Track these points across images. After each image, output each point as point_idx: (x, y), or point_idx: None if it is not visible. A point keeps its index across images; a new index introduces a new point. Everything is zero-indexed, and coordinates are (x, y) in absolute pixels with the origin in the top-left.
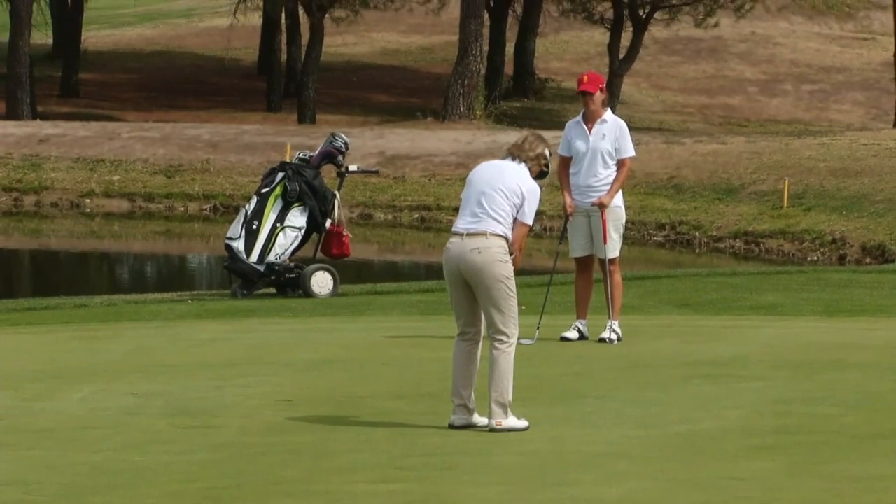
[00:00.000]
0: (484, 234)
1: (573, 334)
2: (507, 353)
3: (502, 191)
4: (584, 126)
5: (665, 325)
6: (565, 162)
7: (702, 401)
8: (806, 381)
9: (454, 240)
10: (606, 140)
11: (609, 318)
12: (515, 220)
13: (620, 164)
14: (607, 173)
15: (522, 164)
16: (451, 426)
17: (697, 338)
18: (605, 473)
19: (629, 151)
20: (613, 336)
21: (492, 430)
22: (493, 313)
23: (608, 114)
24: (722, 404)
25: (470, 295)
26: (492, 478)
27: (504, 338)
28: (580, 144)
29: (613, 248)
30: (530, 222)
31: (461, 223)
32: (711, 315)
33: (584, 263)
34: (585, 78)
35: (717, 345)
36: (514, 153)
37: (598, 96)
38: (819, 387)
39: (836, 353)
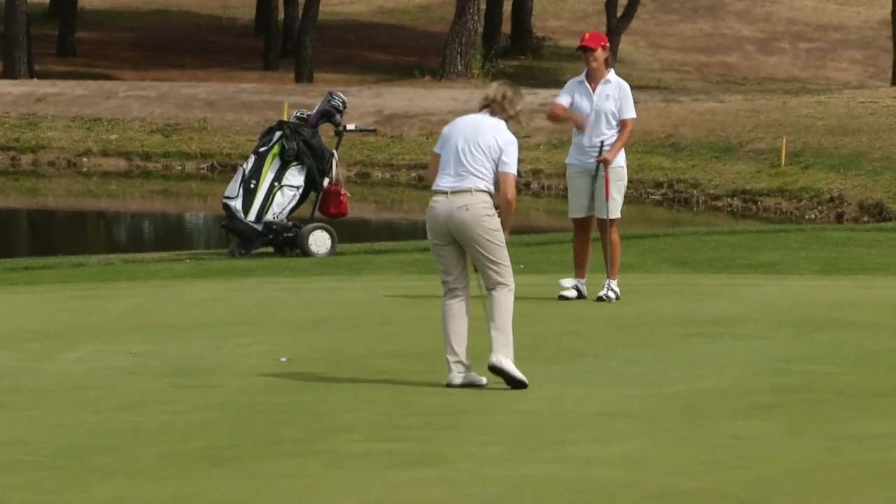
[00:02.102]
0: (469, 191)
1: (571, 293)
2: (509, 296)
3: (480, 147)
4: (588, 86)
5: (663, 284)
6: (561, 107)
7: (700, 360)
8: (805, 339)
9: (438, 198)
10: (610, 100)
11: (607, 277)
12: (499, 172)
13: (622, 124)
14: (611, 133)
15: (500, 120)
16: (450, 385)
17: (696, 296)
18: (604, 432)
19: (631, 112)
20: (612, 294)
21: (492, 368)
22: (490, 266)
23: (611, 74)
24: (721, 363)
25: (457, 251)
26: (491, 437)
27: (501, 284)
28: (584, 104)
29: (615, 209)
30: (514, 171)
31: (444, 182)
32: (710, 274)
33: (583, 225)
34: (587, 35)
35: (716, 303)
36: (495, 110)
37: (600, 53)
38: (818, 345)
39: (835, 312)
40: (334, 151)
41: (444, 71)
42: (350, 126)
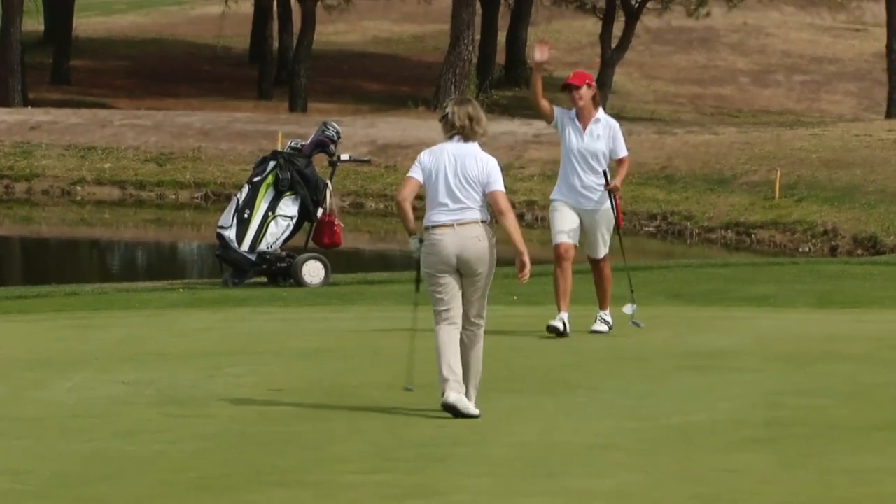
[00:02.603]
0: (476, 222)
1: (559, 324)
2: (482, 336)
3: (469, 180)
4: (578, 123)
5: (657, 317)
6: (549, 107)
7: (694, 392)
8: (798, 372)
9: (443, 231)
10: (601, 140)
11: (599, 308)
12: (488, 194)
13: (620, 162)
14: (601, 170)
15: (475, 143)
16: (447, 405)
17: (689, 329)
18: (597, 465)
19: (625, 151)
20: (604, 327)
21: (447, 407)
22: (479, 299)
23: (601, 113)
24: (714, 396)
25: (457, 281)
26: (483, 469)
27: (482, 321)
28: (573, 141)
29: (605, 247)
30: (501, 187)
31: (443, 216)
32: (703, 306)
33: (566, 252)
34: (572, 74)
35: (710, 336)
36: (467, 136)
37: (586, 91)
38: (811, 379)
39: (829, 345)
40: (328, 181)
41: (438, 101)
42: (344, 156)
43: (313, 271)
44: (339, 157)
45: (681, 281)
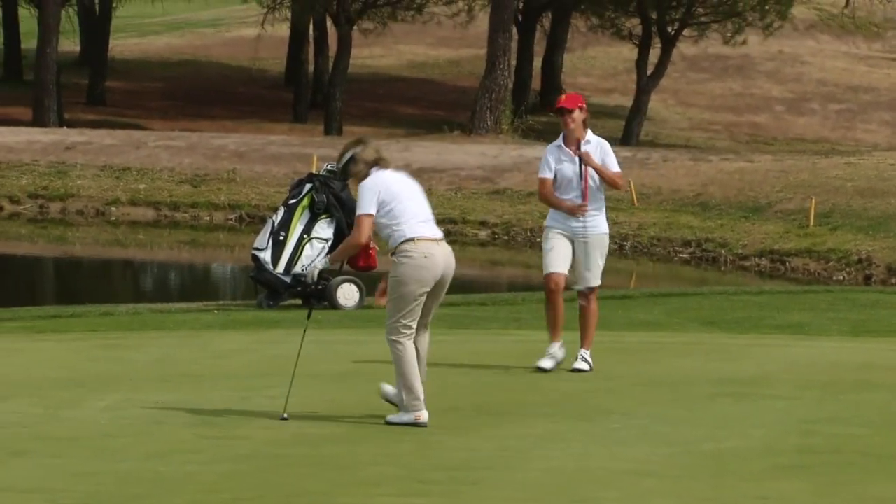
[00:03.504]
0: (444, 238)
1: (549, 363)
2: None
3: (425, 200)
4: (568, 149)
5: (691, 343)
6: (550, 183)
7: (727, 419)
8: (832, 401)
9: (431, 245)
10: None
11: (581, 346)
12: None
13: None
14: (597, 195)
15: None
16: (424, 425)
17: (723, 356)
18: (630, 491)
19: (616, 167)
20: (585, 366)
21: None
22: (437, 307)
23: (590, 134)
24: (748, 423)
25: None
26: (516, 493)
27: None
28: (566, 167)
29: (597, 276)
30: None
31: (427, 231)
32: (738, 333)
33: (558, 282)
34: (564, 97)
35: (743, 363)
36: (383, 165)
37: (578, 115)
38: (845, 407)
39: (863, 374)
40: None
41: (473, 126)
42: None
43: (348, 294)
44: None
45: (715, 308)
